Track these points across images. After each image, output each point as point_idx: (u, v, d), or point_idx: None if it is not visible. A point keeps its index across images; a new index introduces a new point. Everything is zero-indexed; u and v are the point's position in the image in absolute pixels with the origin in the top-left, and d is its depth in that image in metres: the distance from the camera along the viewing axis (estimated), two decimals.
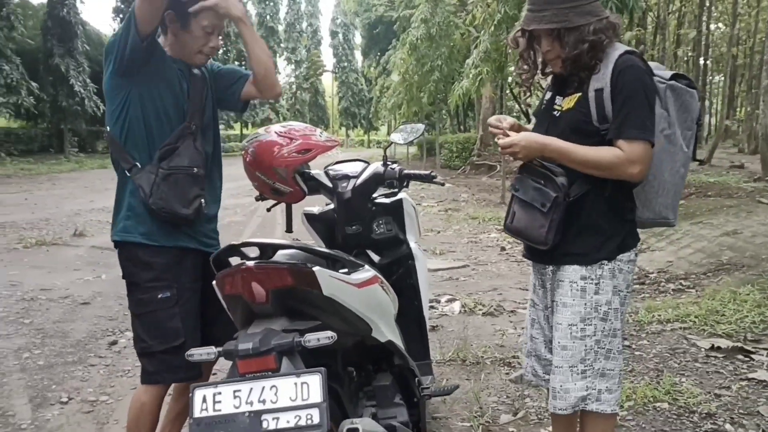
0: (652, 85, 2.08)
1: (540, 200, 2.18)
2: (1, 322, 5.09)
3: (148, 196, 2.27)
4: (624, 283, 2.24)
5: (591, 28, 2.09)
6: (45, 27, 27.49)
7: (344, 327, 2.08)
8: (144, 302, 2.34)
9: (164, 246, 2.33)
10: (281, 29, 55.21)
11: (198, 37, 2.39)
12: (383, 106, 31.33)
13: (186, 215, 2.32)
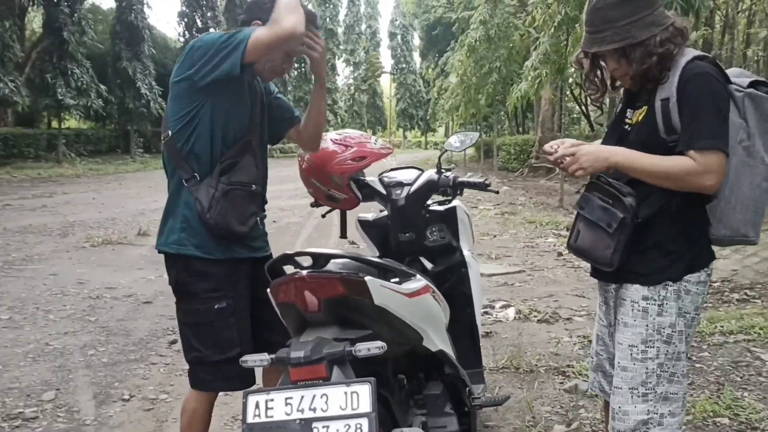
0: (723, 93, 1.97)
1: (606, 220, 2.09)
2: (69, 319, 5.30)
3: (206, 210, 2.26)
4: (692, 305, 2.13)
5: (657, 39, 2.00)
6: (114, 31, 28.43)
7: (395, 336, 2.10)
8: (200, 312, 2.33)
9: (219, 258, 2.34)
10: (340, 31, 55.68)
11: (278, 58, 2.38)
12: (441, 107, 31.29)
13: (242, 233, 2.32)
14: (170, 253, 2.37)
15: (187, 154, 2.31)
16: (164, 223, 2.41)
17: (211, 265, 2.33)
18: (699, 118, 1.94)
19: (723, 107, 1.96)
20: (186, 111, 2.30)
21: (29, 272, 7.02)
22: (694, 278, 2.10)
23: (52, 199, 14.19)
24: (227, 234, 2.30)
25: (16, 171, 21.19)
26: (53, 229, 9.87)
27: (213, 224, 2.26)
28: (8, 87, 21.16)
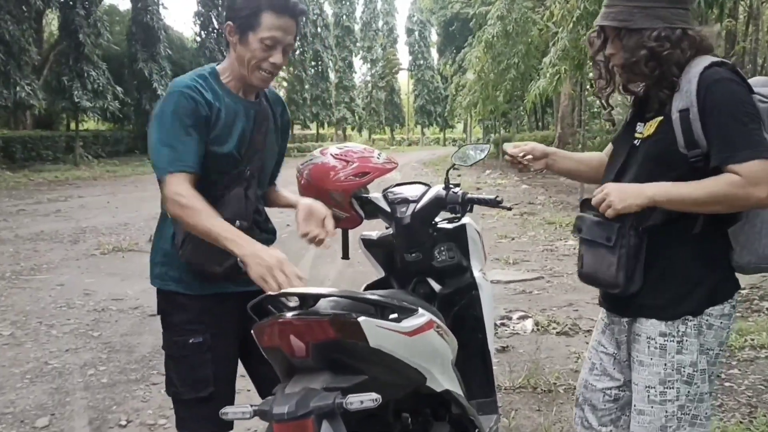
0: (749, 97, 1.79)
1: (604, 234, 1.91)
2: (72, 335, 5.15)
3: (178, 245, 2.08)
4: (715, 341, 1.91)
5: (654, 33, 1.84)
6: (130, 33, 28.47)
7: (395, 379, 1.90)
8: (177, 345, 2.18)
9: (201, 294, 2.16)
10: (357, 28, 55.52)
11: (255, 51, 2.09)
12: (458, 104, 30.98)
13: (215, 274, 2.10)
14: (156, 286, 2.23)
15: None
16: (153, 255, 2.25)
17: (192, 299, 2.16)
18: (729, 129, 1.75)
19: (752, 111, 1.77)
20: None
21: (36, 283, 6.90)
22: (717, 311, 1.89)
23: (67, 203, 14.15)
24: (200, 274, 2.12)
25: (33, 174, 21.25)
26: (65, 236, 9.78)
27: (185, 261, 2.08)
28: (25, 90, 21.21)
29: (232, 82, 2.19)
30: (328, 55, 45.86)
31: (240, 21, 2.09)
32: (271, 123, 2.32)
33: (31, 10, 22.66)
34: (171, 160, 2.01)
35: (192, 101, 2.05)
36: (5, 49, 20.67)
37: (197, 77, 2.14)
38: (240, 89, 2.21)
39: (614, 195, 1.85)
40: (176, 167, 2.01)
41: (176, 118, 2.03)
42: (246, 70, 2.13)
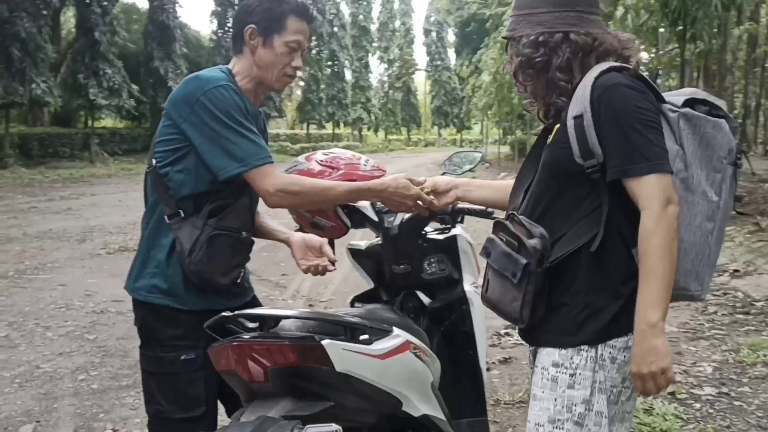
0: (646, 104, 1.61)
1: (510, 269, 1.70)
2: (67, 337, 5.08)
3: (186, 254, 1.97)
4: (619, 377, 1.66)
5: (528, 39, 1.74)
6: (146, 31, 28.59)
7: (366, 405, 1.79)
8: (165, 361, 2.05)
9: (193, 309, 2.05)
10: (374, 28, 55.44)
11: (281, 55, 2.10)
12: (475, 105, 30.79)
13: (222, 285, 2.04)
14: (139, 300, 2.10)
15: (176, 186, 2.03)
16: (139, 265, 2.11)
17: (183, 313, 2.05)
18: (625, 138, 1.58)
19: (651, 118, 1.60)
20: (172, 148, 2.03)
21: (39, 282, 6.86)
22: (620, 343, 1.65)
23: (79, 201, 14.17)
24: (205, 284, 2.02)
25: (49, 171, 21.36)
26: (72, 235, 9.76)
27: (193, 270, 1.97)
28: (40, 87, 21.33)
29: (246, 85, 2.14)
30: (345, 55, 45.80)
31: (264, 24, 2.08)
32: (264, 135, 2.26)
33: (48, 8, 22.77)
34: (254, 153, 1.97)
35: (237, 95, 2.02)
36: (21, 47, 20.79)
37: (222, 72, 2.09)
38: (252, 93, 2.17)
39: (651, 378, 1.57)
40: (263, 160, 1.98)
41: (237, 110, 1.99)
42: (270, 74, 2.13)
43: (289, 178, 2.03)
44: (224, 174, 1.96)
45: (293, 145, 40.63)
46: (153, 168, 2.07)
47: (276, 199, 1.99)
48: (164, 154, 2.04)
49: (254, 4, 2.10)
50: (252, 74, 2.13)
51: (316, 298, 6.42)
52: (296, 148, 39.18)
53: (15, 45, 20.65)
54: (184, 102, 1.99)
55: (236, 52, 2.16)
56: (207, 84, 1.99)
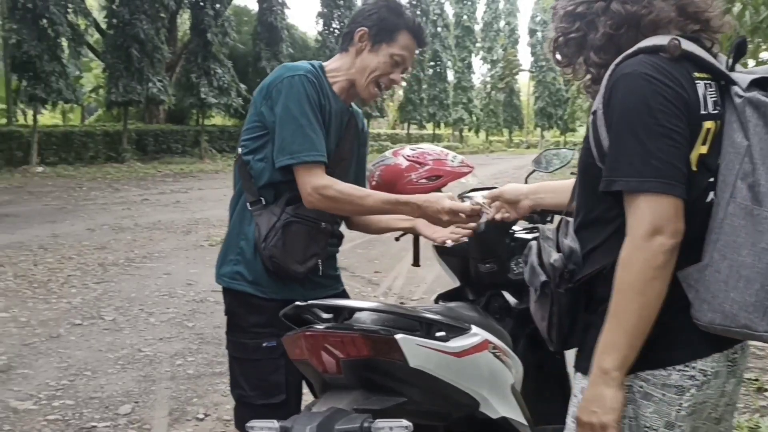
0: (661, 106, 1.29)
1: (534, 284, 1.53)
2: (168, 323, 5.31)
3: (262, 238, 2.02)
4: (658, 419, 1.37)
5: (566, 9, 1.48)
6: (255, 32, 29.51)
7: (440, 403, 1.76)
8: (248, 348, 2.11)
9: (274, 298, 2.09)
10: (478, 29, 54.95)
11: (382, 63, 2.13)
12: (579, 107, 29.98)
13: (297, 273, 2.06)
14: (224, 287, 2.18)
15: (257, 174, 2.09)
16: (224, 253, 2.20)
17: (265, 301, 2.10)
18: (622, 145, 1.32)
19: (661, 123, 1.28)
20: (260, 124, 2.07)
21: (146, 270, 7.21)
22: (658, 378, 1.37)
23: (187, 195, 14.80)
24: (280, 271, 2.05)
25: (162, 166, 22.44)
26: (179, 226, 10.20)
27: (266, 256, 2.02)
28: (156, 86, 22.43)
29: (339, 83, 2.18)
30: (447, 55, 45.66)
31: (377, 30, 2.12)
32: (355, 134, 2.29)
33: (165, 11, 23.91)
34: (308, 148, 1.99)
35: (314, 88, 2.05)
36: (140, 48, 21.91)
37: (311, 65, 2.13)
38: (344, 92, 2.20)
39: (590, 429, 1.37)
40: (313, 157, 1.99)
41: (307, 102, 2.01)
42: (363, 79, 2.15)
43: (330, 181, 2.00)
44: (278, 163, 2.00)
45: (393, 145, 40.84)
46: (238, 156, 2.14)
47: (312, 199, 1.98)
48: (247, 142, 2.10)
49: (373, 10, 2.14)
50: (348, 74, 2.16)
51: (408, 296, 6.42)
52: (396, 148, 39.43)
53: (134, 46, 21.80)
54: (266, 88, 2.05)
55: (342, 49, 2.21)
56: (287, 72, 2.04)
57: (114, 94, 21.95)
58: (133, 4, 21.61)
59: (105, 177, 18.39)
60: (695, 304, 1.34)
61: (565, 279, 1.45)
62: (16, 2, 18.89)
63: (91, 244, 8.61)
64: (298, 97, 1.99)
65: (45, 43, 19.45)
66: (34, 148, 19.57)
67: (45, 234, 9.20)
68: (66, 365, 4.35)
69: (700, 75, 1.35)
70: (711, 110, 1.34)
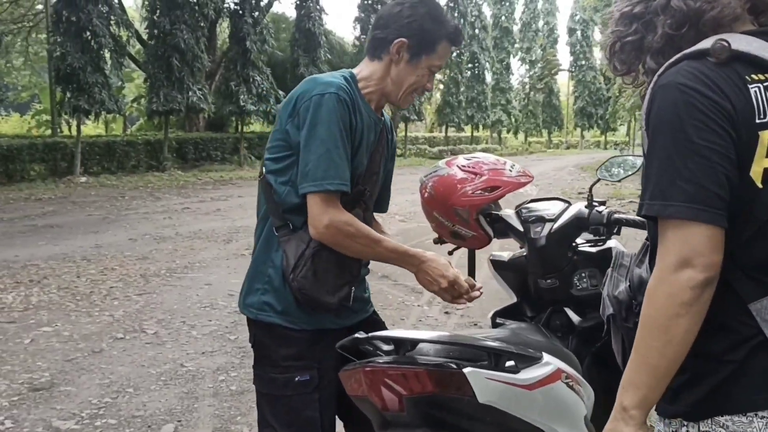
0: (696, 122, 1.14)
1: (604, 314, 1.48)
2: (210, 336, 5.23)
3: (290, 269, 1.86)
4: None
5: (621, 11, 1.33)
6: (293, 39, 29.62)
7: None
8: (278, 383, 1.95)
9: (305, 329, 1.95)
10: (516, 29, 54.46)
11: (420, 77, 2.01)
12: (621, 106, 29.37)
13: (328, 304, 1.90)
14: (251, 318, 2.03)
15: (281, 198, 1.92)
16: (250, 281, 2.05)
17: (295, 332, 1.94)
18: (654, 163, 1.19)
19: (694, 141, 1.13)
20: (285, 143, 1.91)
21: (187, 281, 7.16)
22: (737, 424, 1.21)
23: (227, 203, 14.83)
24: (311, 303, 1.89)
25: (201, 174, 22.62)
26: (220, 235, 10.18)
27: (296, 288, 1.85)
28: (196, 95, 22.63)
29: (371, 93, 2.02)
30: (486, 56, 45.23)
31: (418, 41, 1.96)
32: (386, 145, 2.13)
33: (205, 20, 24.14)
34: (332, 175, 1.82)
35: (346, 107, 1.87)
36: (180, 57, 22.13)
37: (343, 78, 1.96)
38: (374, 102, 2.04)
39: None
40: (336, 186, 1.82)
41: (336, 124, 1.84)
42: (401, 91, 2.02)
43: (350, 218, 1.85)
44: (301, 189, 1.84)
45: (431, 148, 40.67)
46: (262, 175, 1.98)
47: (326, 232, 1.81)
48: (271, 161, 1.94)
49: (412, 18, 1.96)
50: (382, 84, 2.01)
51: (453, 306, 6.24)
52: (434, 150, 39.21)
53: (175, 56, 22.03)
54: (293, 102, 1.89)
55: (373, 57, 2.03)
56: (318, 88, 1.86)
57: (155, 103, 22.20)
58: (173, 15, 21.84)
59: (146, 186, 18.58)
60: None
61: (634, 312, 1.33)
62: (61, 16, 19.24)
63: (133, 254, 8.63)
64: (327, 118, 1.82)
65: (88, 55, 19.75)
66: (77, 158, 19.87)
67: (88, 245, 9.25)
68: (108, 382, 4.28)
69: (758, 77, 1.18)
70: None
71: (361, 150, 1.96)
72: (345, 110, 1.86)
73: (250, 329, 2.06)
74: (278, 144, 1.93)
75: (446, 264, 1.98)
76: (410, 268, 1.99)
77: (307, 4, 28.89)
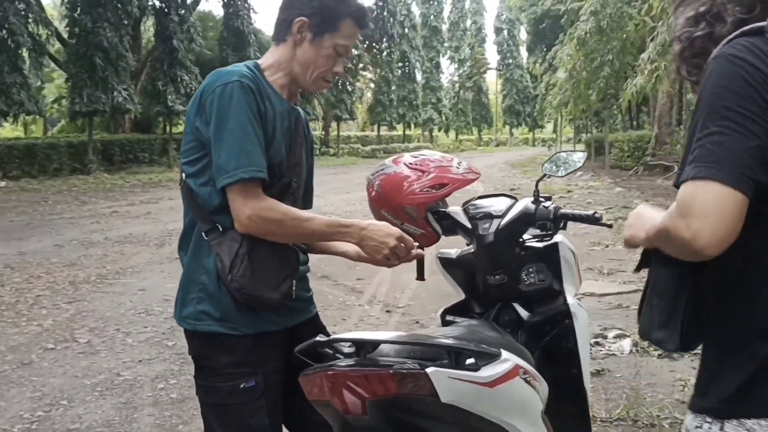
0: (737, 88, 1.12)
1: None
2: (147, 344, 5.06)
3: (227, 270, 1.76)
4: None
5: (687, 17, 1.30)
6: (222, 38, 29.21)
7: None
8: (222, 392, 1.85)
9: (246, 333, 1.86)
10: (445, 28, 55.13)
11: (326, 57, 1.91)
12: (549, 104, 30.15)
13: (271, 300, 1.82)
14: (188, 330, 1.93)
15: (204, 200, 1.83)
16: (180, 290, 1.95)
17: (236, 338, 1.86)
18: (695, 131, 1.17)
19: (731, 107, 1.11)
20: (197, 143, 1.83)
21: (120, 287, 6.93)
22: (759, 427, 1.16)
23: (157, 205, 14.47)
24: (252, 301, 1.80)
25: (129, 176, 22.00)
26: (152, 239, 9.91)
27: (235, 288, 1.77)
28: (122, 95, 22.02)
29: (279, 80, 1.93)
30: (416, 55, 45.62)
31: (318, 20, 1.88)
32: (304, 136, 2.05)
33: (129, 18, 23.49)
34: (245, 163, 1.73)
35: (252, 93, 1.78)
36: (104, 56, 21.50)
37: (246, 67, 1.87)
38: (285, 89, 1.95)
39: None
40: (251, 173, 1.73)
41: (243, 112, 1.75)
42: (308, 73, 1.93)
43: (273, 203, 1.77)
44: (218, 184, 1.76)
45: (364, 146, 40.79)
46: (182, 181, 1.89)
47: (250, 223, 1.73)
48: (187, 165, 1.86)
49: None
50: (289, 69, 1.93)
51: (394, 303, 6.25)
52: (367, 149, 39.33)
53: (98, 54, 21.37)
54: (198, 99, 1.82)
55: (278, 42, 1.95)
56: (220, 79, 1.79)
57: (78, 104, 21.49)
58: (95, 12, 21.20)
59: (71, 190, 17.93)
60: None
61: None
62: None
63: (60, 261, 8.29)
64: (232, 107, 1.75)
65: (5, 55, 19.01)
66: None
67: (11, 252, 8.85)
68: (40, 394, 4.09)
69: None
70: None
71: (277, 138, 1.87)
72: (251, 96, 1.78)
73: (188, 341, 1.95)
74: (191, 145, 1.84)
75: (386, 223, 1.90)
76: (351, 240, 1.88)
77: (236, 3, 28.55)
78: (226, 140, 1.74)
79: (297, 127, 1.98)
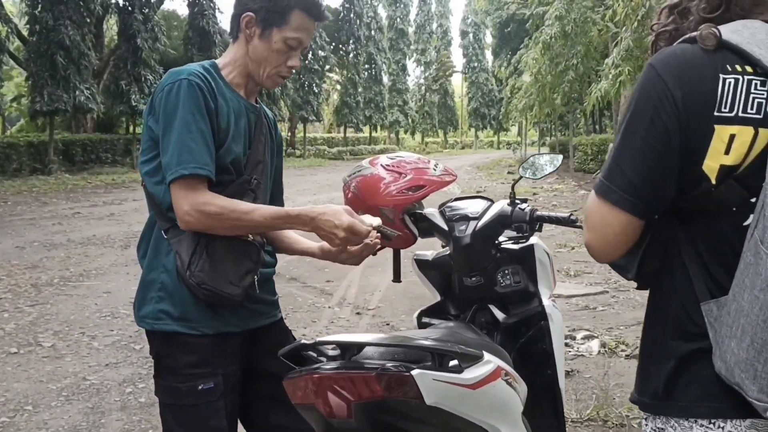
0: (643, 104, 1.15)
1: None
2: (113, 347, 4.98)
3: (185, 266, 1.74)
4: None
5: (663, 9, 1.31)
6: (186, 37, 28.87)
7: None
8: (181, 392, 1.82)
9: (206, 333, 1.84)
10: (411, 31, 55.32)
11: (277, 52, 1.87)
12: (514, 107, 30.43)
13: (232, 295, 1.79)
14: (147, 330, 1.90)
15: (160, 199, 1.82)
16: (139, 291, 1.92)
17: (195, 338, 1.83)
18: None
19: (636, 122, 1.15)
20: (151, 142, 1.82)
21: (84, 289, 6.80)
22: (678, 426, 1.19)
23: (121, 207, 14.24)
24: (212, 297, 1.77)
25: (92, 177, 21.61)
26: (116, 240, 9.75)
27: (195, 284, 1.74)
28: (84, 94, 21.62)
29: (235, 78, 1.92)
30: (382, 58, 45.68)
31: (265, 14, 1.84)
32: (267, 135, 2.03)
33: (91, 16, 23.09)
34: (186, 159, 1.71)
35: (199, 90, 1.76)
36: (65, 55, 21.09)
37: (201, 66, 1.85)
38: (242, 87, 1.94)
39: None
40: (191, 170, 1.71)
41: (189, 108, 1.74)
42: (261, 70, 1.90)
43: (210, 197, 1.74)
44: (166, 181, 1.75)
45: (330, 148, 40.71)
46: (143, 181, 1.89)
47: (190, 219, 1.71)
48: (144, 164, 1.86)
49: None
50: (243, 66, 1.91)
51: (364, 305, 6.23)
52: (333, 151, 39.26)
53: (59, 53, 20.96)
54: (151, 98, 1.83)
55: (234, 39, 1.93)
56: (168, 79, 1.79)
57: (38, 103, 21.05)
58: (57, 10, 20.78)
59: (31, 190, 17.52)
60: (713, 346, 1.14)
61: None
62: None
63: (21, 263, 8.11)
64: (178, 104, 1.74)
65: None
66: None
67: None
68: (4, 400, 3.99)
69: (740, 69, 1.11)
70: (743, 112, 1.10)
71: (231, 136, 1.85)
72: (198, 94, 1.76)
73: (149, 341, 1.92)
74: (147, 145, 1.84)
75: (337, 211, 1.78)
76: (304, 228, 1.84)
77: (201, 2, 28.23)
78: (171, 138, 1.73)
79: (259, 125, 1.96)
